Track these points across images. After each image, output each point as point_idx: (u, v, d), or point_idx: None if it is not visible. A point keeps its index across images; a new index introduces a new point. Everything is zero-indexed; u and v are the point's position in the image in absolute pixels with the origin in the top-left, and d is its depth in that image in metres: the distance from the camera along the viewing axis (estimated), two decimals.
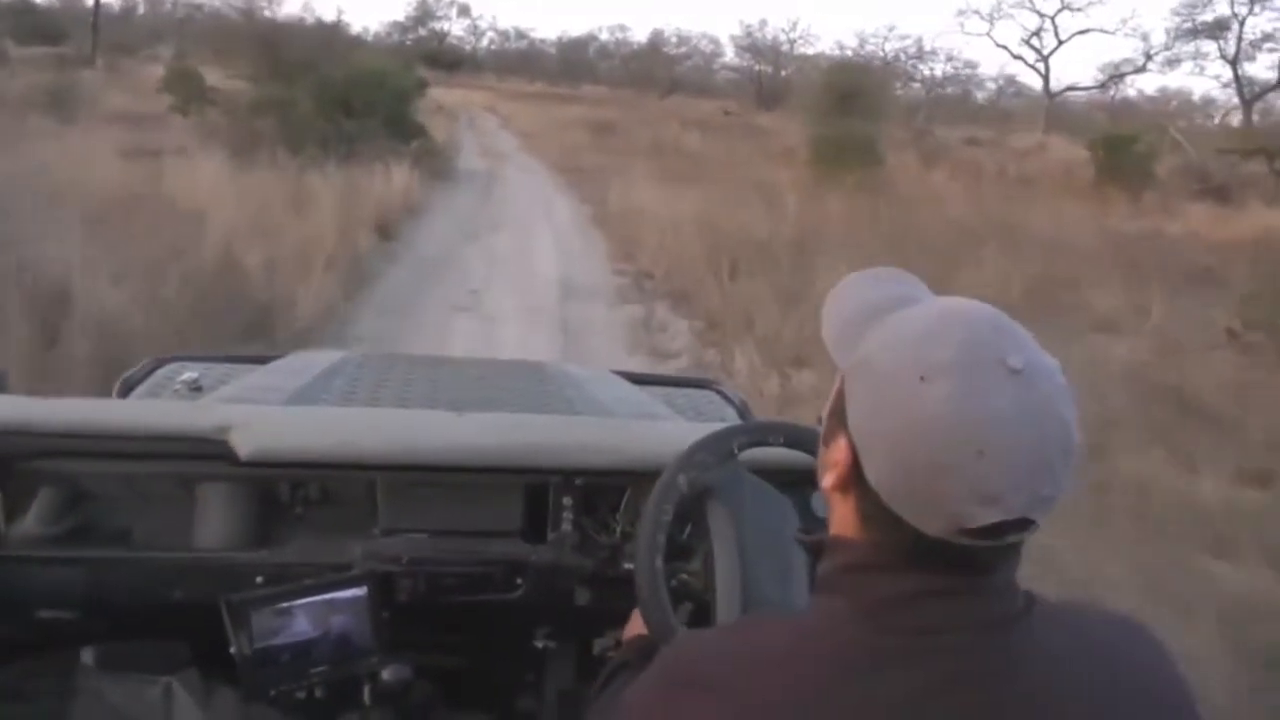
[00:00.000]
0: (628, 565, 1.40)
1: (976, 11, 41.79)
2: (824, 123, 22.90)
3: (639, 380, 2.33)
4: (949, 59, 51.25)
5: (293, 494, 1.48)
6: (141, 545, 1.42)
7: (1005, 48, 42.20)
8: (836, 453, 0.78)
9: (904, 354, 0.73)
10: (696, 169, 17.37)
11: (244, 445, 1.37)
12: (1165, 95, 47.31)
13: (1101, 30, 40.02)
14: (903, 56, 50.79)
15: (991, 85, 51.78)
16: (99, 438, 1.37)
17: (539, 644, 1.55)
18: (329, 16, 38.21)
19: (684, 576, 1.24)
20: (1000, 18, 41.56)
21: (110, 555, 1.39)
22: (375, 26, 68.98)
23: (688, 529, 1.28)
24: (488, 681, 1.62)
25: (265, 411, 1.55)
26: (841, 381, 0.80)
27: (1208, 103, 47.38)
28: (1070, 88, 41.80)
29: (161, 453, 1.40)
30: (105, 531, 1.41)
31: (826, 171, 17.29)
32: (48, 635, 1.38)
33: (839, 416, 0.78)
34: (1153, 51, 37.91)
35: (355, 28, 49.74)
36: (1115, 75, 41.35)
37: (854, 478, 0.76)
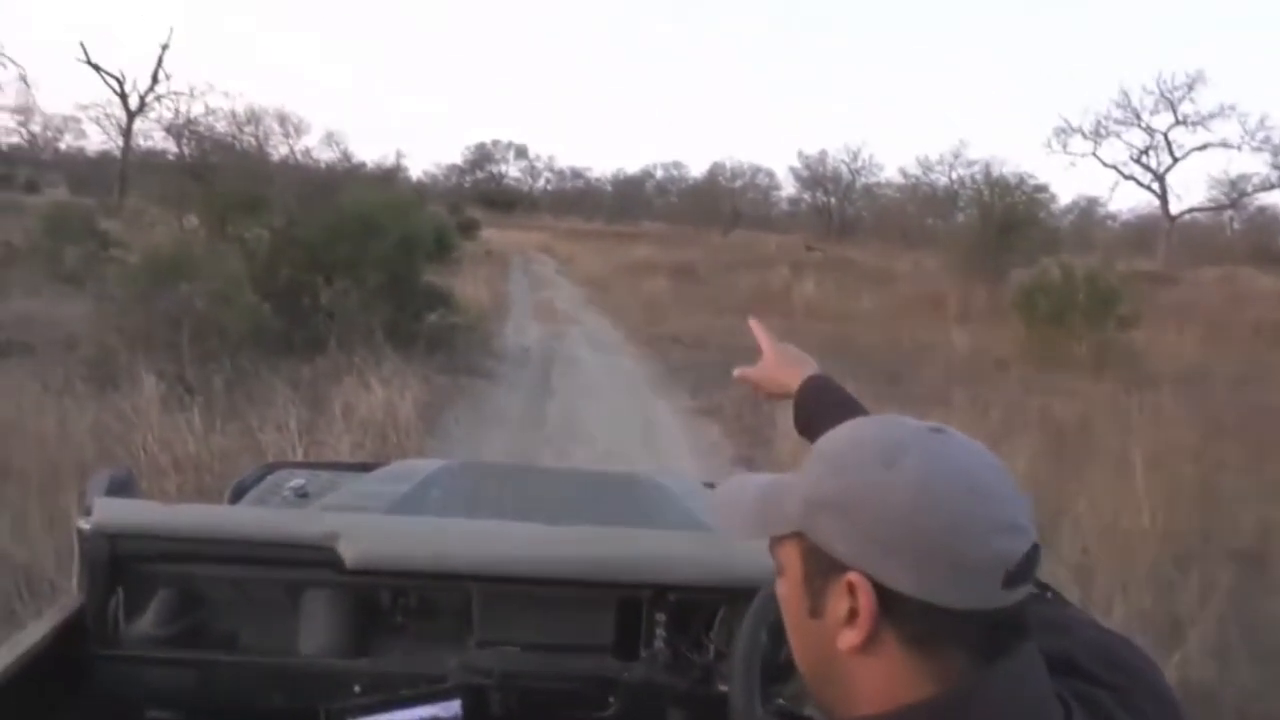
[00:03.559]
0: (722, 687, 1.30)
1: (1079, 130, 35.81)
2: (978, 261, 16.95)
3: None
4: (1019, 184, 45.36)
5: (393, 602, 1.41)
6: (247, 649, 1.38)
7: (1115, 168, 35.84)
8: (845, 601, 0.67)
9: (853, 466, 0.69)
10: (856, 343, 11.19)
11: (350, 553, 1.33)
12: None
13: (1224, 145, 33.69)
14: (969, 182, 45.34)
15: (1067, 209, 45.71)
16: (215, 542, 1.34)
17: None
18: (389, 161, 34.21)
19: (781, 701, 1.14)
20: (1106, 136, 35.53)
21: (218, 658, 1.35)
22: (434, 170, 65.89)
23: (784, 649, 1.00)
24: None
25: (370, 520, 1.47)
26: (801, 544, 0.72)
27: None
28: (1192, 209, 35.52)
29: (272, 558, 1.35)
30: (214, 634, 1.38)
31: (1041, 336, 11.06)
32: None
33: (822, 570, 0.69)
34: None
35: (415, 173, 46.46)
36: (1239, 194, 35.07)
37: (884, 609, 0.66)
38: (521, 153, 71.06)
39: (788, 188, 58.27)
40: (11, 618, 3.05)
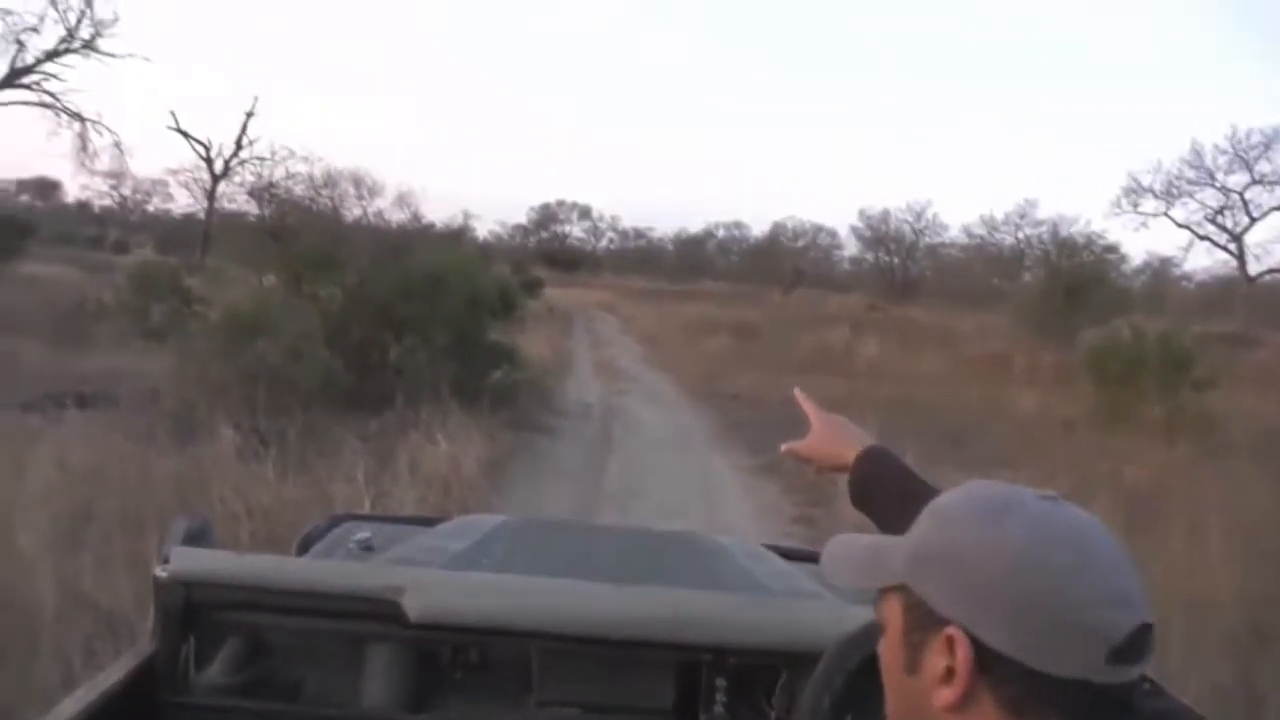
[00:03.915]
0: None
1: (1150, 190, 35.11)
2: (1046, 322, 16.68)
3: (791, 555, 2.16)
4: (1088, 244, 44.65)
5: (453, 658, 1.44)
6: (310, 700, 1.41)
7: (1189, 228, 35.00)
8: (943, 658, 0.67)
9: (960, 522, 0.70)
10: (919, 403, 11.04)
11: (414, 607, 1.35)
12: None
13: None
14: (1036, 242, 44.59)
15: (1139, 269, 44.42)
16: (284, 593, 1.37)
17: None
18: (457, 221, 35.26)
19: None
20: (1179, 196, 34.75)
21: (281, 709, 1.38)
22: (500, 230, 67.45)
23: (847, 717, 1.11)
24: None
25: (434, 575, 1.51)
26: (903, 598, 0.72)
27: None
28: (1272, 269, 34.30)
29: (338, 610, 1.39)
30: (279, 684, 1.41)
31: (1111, 399, 10.79)
32: None
33: (922, 625, 0.69)
34: None
35: (481, 233, 47.63)
36: None
37: (979, 667, 0.65)
38: (585, 213, 72.33)
39: (850, 247, 57.99)
40: (92, 658, 3.18)
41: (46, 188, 51.50)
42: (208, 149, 33.18)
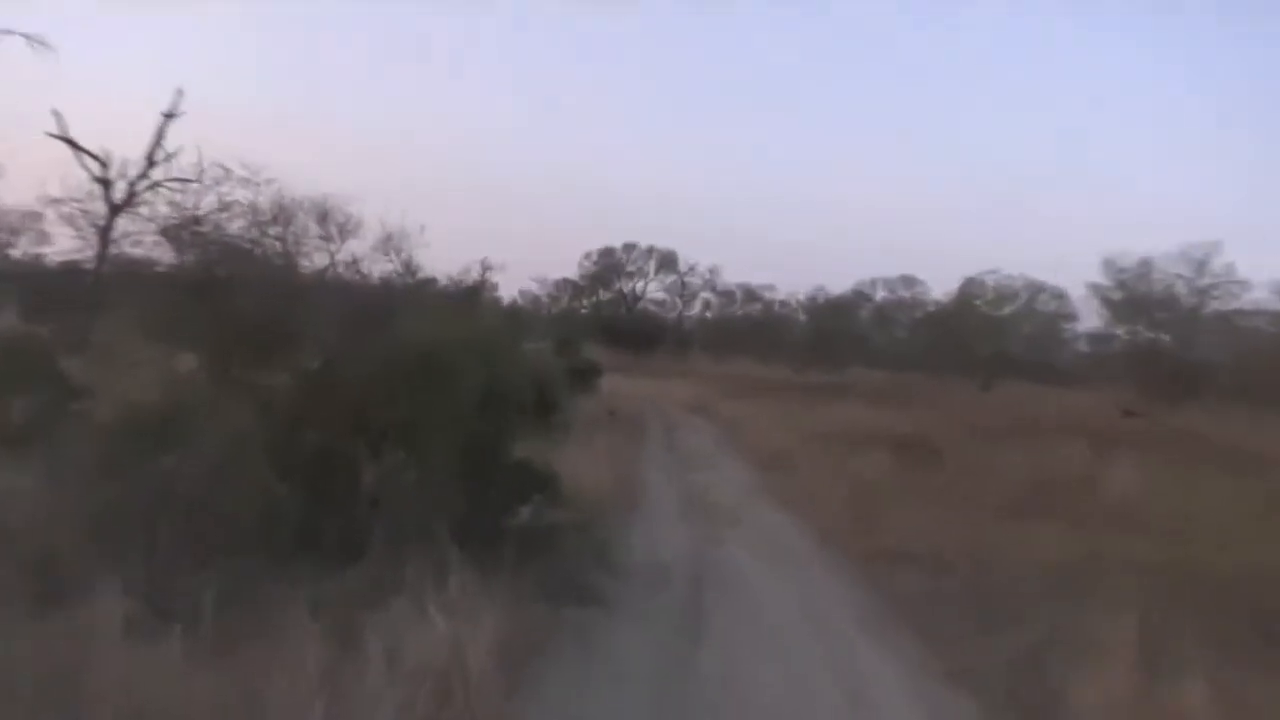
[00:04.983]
0: None
1: None
2: None
3: None
4: None
5: None
6: None
7: None
8: None
9: None
10: (1205, 570, 10.79)
11: None
12: None
13: None
14: None
15: None
16: None
17: None
18: (471, 274, 36.26)
19: None
20: None
21: None
22: (536, 289, 68.85)
23: None
24: None
25: None
26: None
27: None
28: None
29: None
30: None
31: None
32: None
33: None
34: None
35: (508, 291, 48.84)
36: None
37: None
38: (668, 263, 73.56)
39: (1089, 317, 57.57)
40: None
41: None
42: (105, 165, 34.98)
